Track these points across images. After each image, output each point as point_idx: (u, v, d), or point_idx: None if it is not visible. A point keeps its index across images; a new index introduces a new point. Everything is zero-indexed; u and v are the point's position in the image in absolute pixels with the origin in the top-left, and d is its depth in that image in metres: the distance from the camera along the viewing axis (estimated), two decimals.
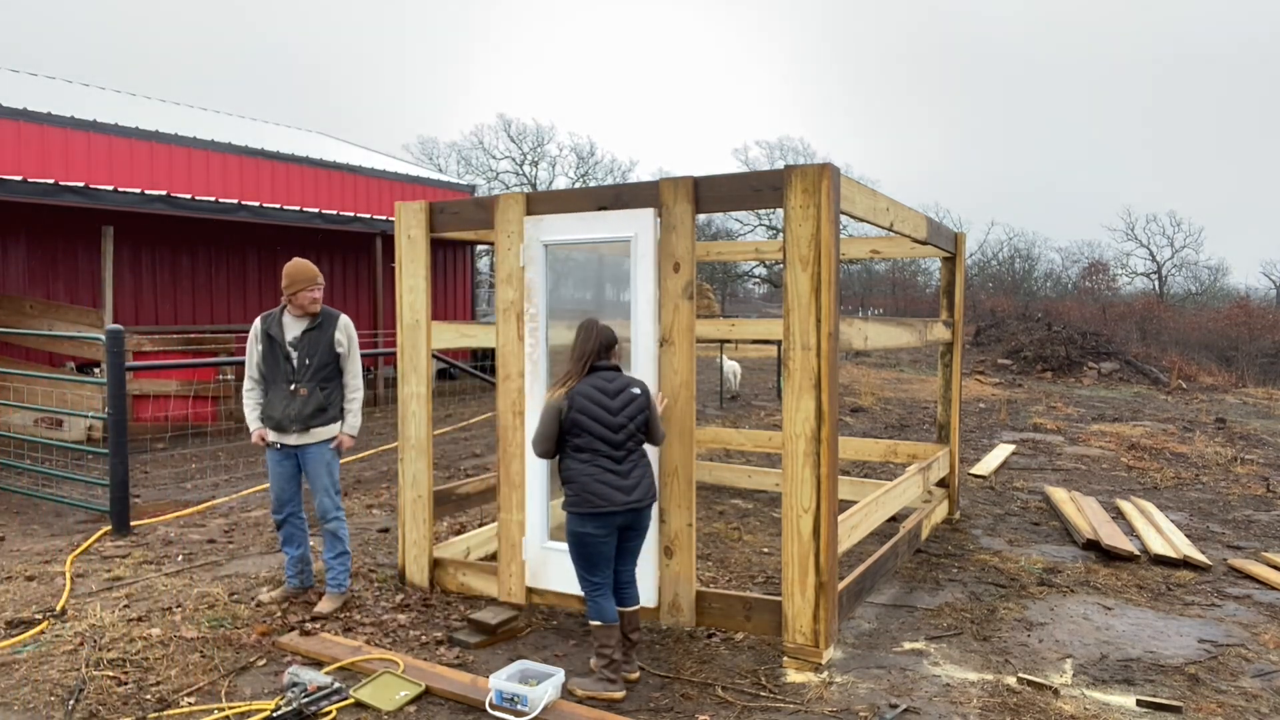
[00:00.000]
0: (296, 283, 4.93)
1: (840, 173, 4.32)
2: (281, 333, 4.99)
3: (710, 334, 8.81)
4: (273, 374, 4.98)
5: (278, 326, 5.00)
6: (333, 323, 5.06)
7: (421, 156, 46.87)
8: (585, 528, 4.02)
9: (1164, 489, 8.72)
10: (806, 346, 4.23)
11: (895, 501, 5.86)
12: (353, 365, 5.13)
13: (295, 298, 4.95)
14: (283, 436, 4.98)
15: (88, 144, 14.01)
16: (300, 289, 4.93)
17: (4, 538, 6.54)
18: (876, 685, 4.10)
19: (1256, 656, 4.52)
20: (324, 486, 5.05)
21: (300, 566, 5.15)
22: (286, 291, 4.96)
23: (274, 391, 4.97)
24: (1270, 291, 45.86)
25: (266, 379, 5.01)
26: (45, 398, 9.60)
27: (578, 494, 4.02)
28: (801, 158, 47.88)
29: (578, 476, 4.03)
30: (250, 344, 5.09)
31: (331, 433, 5.06)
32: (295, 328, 5.00)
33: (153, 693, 3.91)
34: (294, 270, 4.96)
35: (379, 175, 19.17)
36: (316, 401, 4.96)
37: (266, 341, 5.00)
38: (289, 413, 4.92)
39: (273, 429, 4.98)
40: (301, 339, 4.98)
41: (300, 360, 4.96)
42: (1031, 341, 23.78)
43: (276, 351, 4.97)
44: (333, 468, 5.08)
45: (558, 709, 3.76)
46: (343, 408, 5.11)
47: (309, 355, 4.97)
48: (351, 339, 5.13)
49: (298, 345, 4.97)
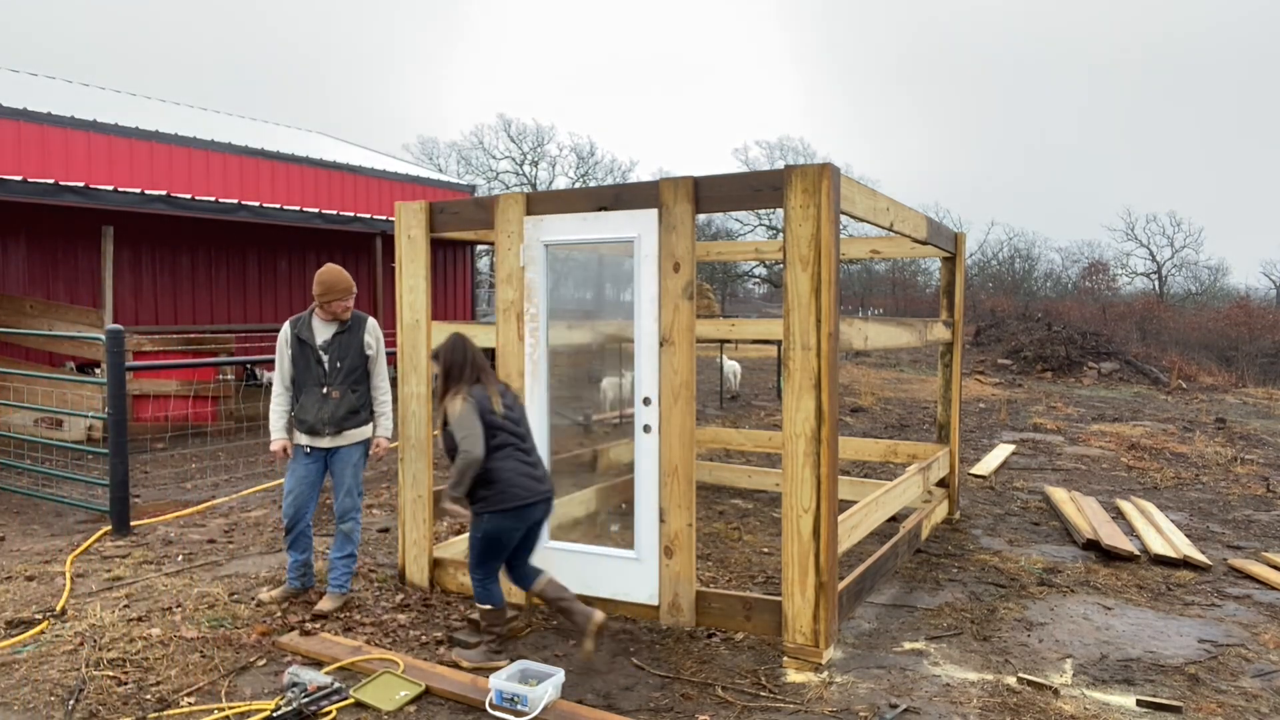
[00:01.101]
0: (332, 292, 4.94)
1: (840, 173, 4.32)
2: (312, 336, 4.99)
3: (710, 334, 8.81)
4: (304, 378, 4.98)
5: (308, 330, 5.00)
6: (361, 325, 5.09)
7: (421, 156, 46.91)
8: (505, 523, 4.23)
9: (1164, 489, 8.72)
10: (806, 346, 4.23)
11: (895, 501, 5.86)
12: (380, 367, 5.16)
13: (330, 306, 4.96)
14: (316, 440, 4.98)
15: (88, 144, 14.01)
16: (335, 299, 4.95)
17: (4, 538, 6.54)
18: (876, 685, 4.10)
19: (1256, 656, 4.52)
20: (349, 487, 5.09)
21: (303, 570, 5.15)
22: (321, 299, 4.95)
23: (306, 395, 4.98)
24: (1270, 291, 45.88)
25: (298, 383, 5.01)
26: (45, 398, 9.60)
27: (502, 491, 4.21)
28: (801, 158, 47.89)
29: (501, 474, 4.22)
30: (280, 349, 5.05)
31: (364, 435, 5.09)
32: (325, 331, 5.01)
33: (153, 693, 3.91)
34: (332, 279, 4.95)
35: (379, 175, 19.17)
36: (349, 404, 4.99)
37: (297, 345, 4.99)
38: (322, 415, 4.94)
39: (306, 432, 4.98)
40: (332, 342, 4.99)
41: (331, 363, 4.97)
42: (1031, 341, 23.78)
43: (308, 355, 4.98)
44: (359, 469, 5.13)
45: (558, 709, 3.76)
46: (373, 410, 5.14)
47: (340, 358, 4.98)
48: (379, 341, 5.17)
49: (329, 349, 4.98)
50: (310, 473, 5.02)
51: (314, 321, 5.02)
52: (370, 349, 5.09)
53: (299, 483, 5.01)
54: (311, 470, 5.02)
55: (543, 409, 5.01)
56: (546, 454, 5.02)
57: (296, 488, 5.01)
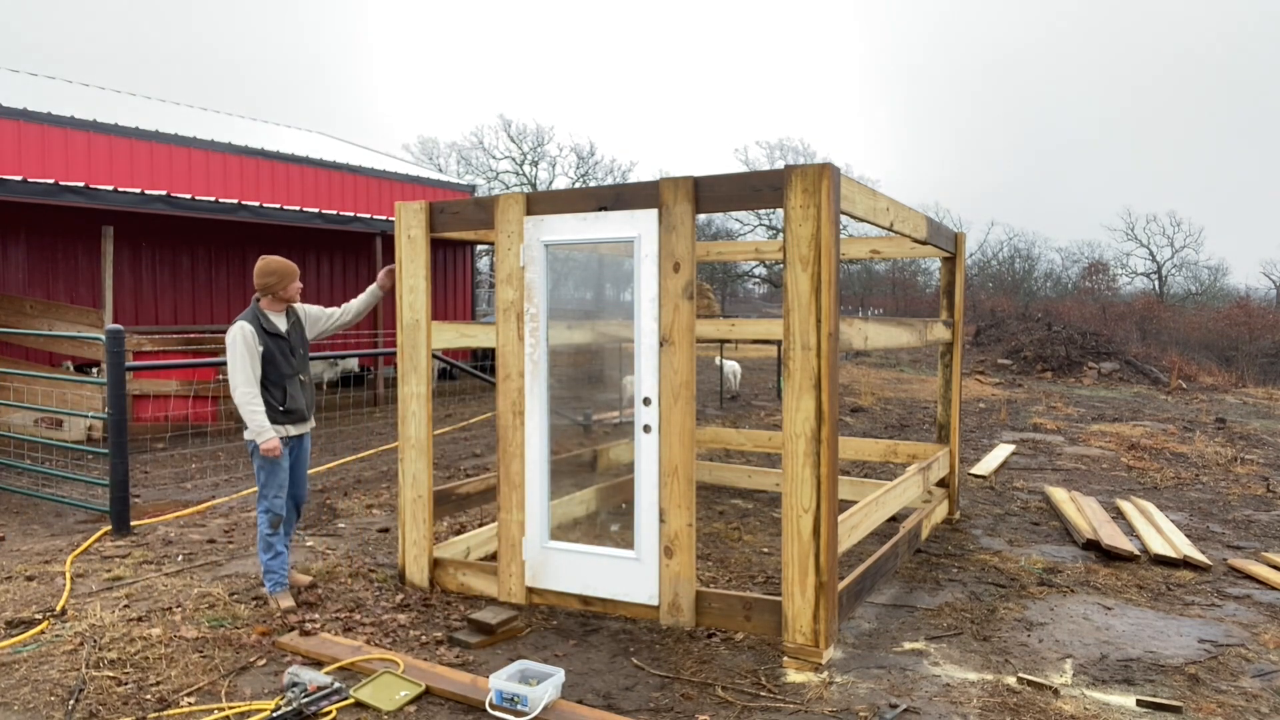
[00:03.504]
0: (286, 277, 5.06)
1: (840, 173, 4.32)
2: (276, 327, 5.08)
3: (710, 334, 8.81)
4: (283, 369, 5.03)
5: (269, 323, 5.06)
6: (295, 311, 5.27)
7: (421, 156, 46.88)
8: None
9: (1164, 489, 8.72)
10: (806, 346, 4.23)
11: (895, 501, 5.86)
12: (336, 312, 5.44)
13: (286, 291, 5.07)
14: (301, 428, 5.16)
15: (88, 144, 14.01)
16: (290, 281, 5.08)
17: (4, 538, 6.54)
18: (876, 685, 4.10)
19: (1256, 656, 4.52)
20: (307, 469, 5.35)
21: (287, 557, 5.19)
22: (274, 288, 5.04)
23: (290, 385, 5.07)
24: (1270, 291, 45.86)
25: (272, 378, 5.00)
26: (45, 398, 9.60)
27: None
28: (801, 158, 47.89)
29: None
30: (248, 349, 4.88)
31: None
32: (282, 321, 5.13)
33: (153, 693, 3.91)
34: (280, 267, 5.07)
35: (379, 175, 19.17)
36: (311, 387, 5.26)
37: (269, 339, 5.00)
38: (307, 402, 5.16)
39: (295, 423, 5.09)
40: (291, 330, 5.15)
41: (297, 351, 5.16)
42: (1031, 341, 23.77)
43: (282, 346, 5.05)
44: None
45: (558, 709, 3.76)
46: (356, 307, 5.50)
47: (301, 344, 5.21)
48: (310, 308, 5.37)
49: (291, 336, 5.14)
50: (289, 464, 5.13)
51: (268, 314, 5.09)
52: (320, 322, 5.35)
53: (285, 474, 5.09)
54: (289, 462, 5.14)
55: (543, 409, 5.01)
56: (546, 454, 5.03)
57: (285, 480, 5.09)
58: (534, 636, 4.68)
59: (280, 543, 5.07)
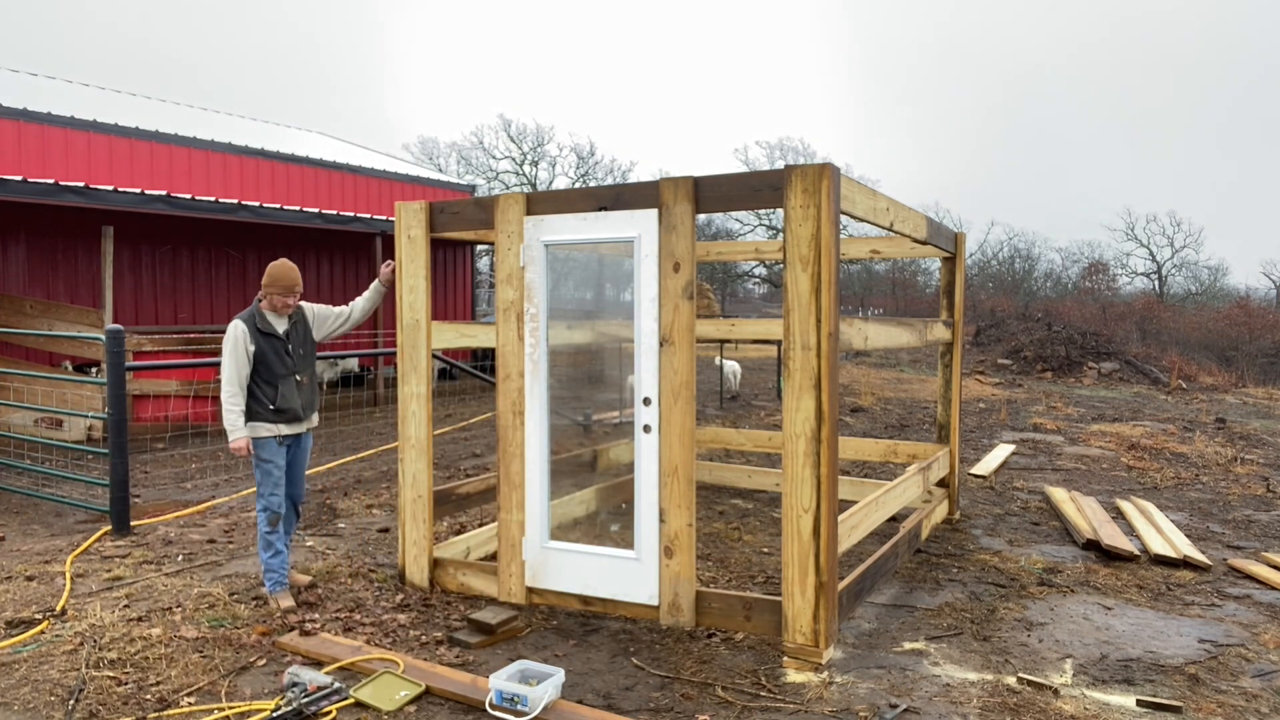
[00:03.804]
0: (278, 286, 5.05)
1: (840, 173, 4.32)
2: (273, 328, 5.09)
3: (710, 334, 8.81)
4: (277, 369, 5.05)
5: (266, 323, 5.07)
6: (300, 311, 5.29)
7: (421, 156, 46.85)
8: None
9: (1164, 489, 8.72)
10: (806, 346, 4.23)
11: (895, 501, 5.86)
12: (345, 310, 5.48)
13: (273, 300, 5.09)
14: (295, 427, 5.17)
15: (88, 144, 14.01)
16: (280, 294, 5.07)
17: (4, 538, 6.54)
18: (876, 685, 4.10)
19: (1256, 656, 4.52)
20: (304, 470, 5.37)
21: (287, 557, 5.21)
22: (284, 294, 5.06)
23: (284, 385, 5.07)
24: (1270, 291, 45.84)
25: (265, 376, 5.02)
26: (45, 398, 9.60)
27: None
28: (801, 158, 47.88)
29: None
30: (239, 347, 4.93)
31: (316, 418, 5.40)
32: (282, 322, 5.16)
33: (153, 693, 3.91)
34: (279, 275, 5.07)
35: (379, 175, 19.17)
36: (312, 387, 5.27)
37: (263, 339, 5.02)
38: (301, 402, 5.16)
39: (288, 422, 5.11)
40: (291, 331, 5.18)
41: (296, 351, 5.17)
42: (1031, 341, 23.77)
43: (277, 346, 5.07)
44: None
45: (558, 709, 3.76)
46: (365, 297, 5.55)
47: (301, 345, 5.22)
48: (318, 308, 5.41)
49: (290, 337, 5.15)
50: (285, 463, 5.16)
51: (267, 315, 5.11)
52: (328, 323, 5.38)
53: (283, 474, 5.13)
54: (285, 460, 5.16)
55: (543, 409, 5.01)
56: (546, 454, 5.03)
57: (282, 479, 5.13)
58: (534, 636, 4.68)
59: (280, 541, 5.08)
